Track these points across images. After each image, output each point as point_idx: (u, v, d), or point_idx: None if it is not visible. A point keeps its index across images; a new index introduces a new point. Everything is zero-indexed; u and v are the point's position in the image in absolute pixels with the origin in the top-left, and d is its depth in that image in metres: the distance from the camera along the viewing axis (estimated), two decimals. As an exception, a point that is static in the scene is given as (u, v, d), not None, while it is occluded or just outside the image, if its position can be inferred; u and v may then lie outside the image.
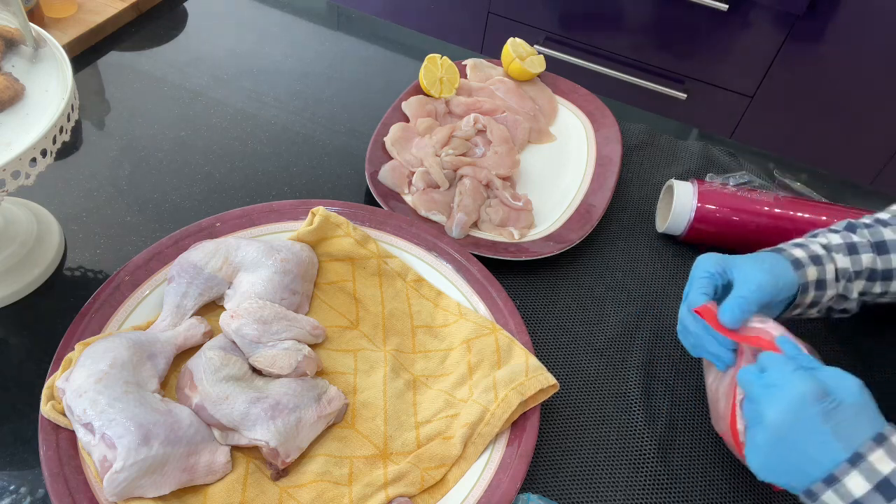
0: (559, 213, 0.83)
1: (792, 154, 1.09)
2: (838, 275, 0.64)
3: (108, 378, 0.54)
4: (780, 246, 0.66)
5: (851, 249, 0.65)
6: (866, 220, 0.68)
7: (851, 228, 0.67)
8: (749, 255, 0.64)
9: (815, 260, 0.64)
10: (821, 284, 0.64)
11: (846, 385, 0.51)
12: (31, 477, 0.57)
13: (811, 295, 0.64)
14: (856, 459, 0.48)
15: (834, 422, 0.49)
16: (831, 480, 0.49)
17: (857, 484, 0.48)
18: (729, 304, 0.59)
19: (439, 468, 0.59)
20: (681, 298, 0.78)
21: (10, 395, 0.62)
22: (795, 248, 0.65)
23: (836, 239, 0.66)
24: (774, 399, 0.52)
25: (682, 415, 0.68)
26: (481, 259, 0.73)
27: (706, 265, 0.63)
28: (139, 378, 0.56)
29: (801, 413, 0.50)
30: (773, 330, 0.58)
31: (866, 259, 0.64)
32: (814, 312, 0.67)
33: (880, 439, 0.49)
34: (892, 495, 0.47)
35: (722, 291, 0.63)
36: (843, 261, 0.64)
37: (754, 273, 0.61)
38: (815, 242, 0.66)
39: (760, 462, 0.53)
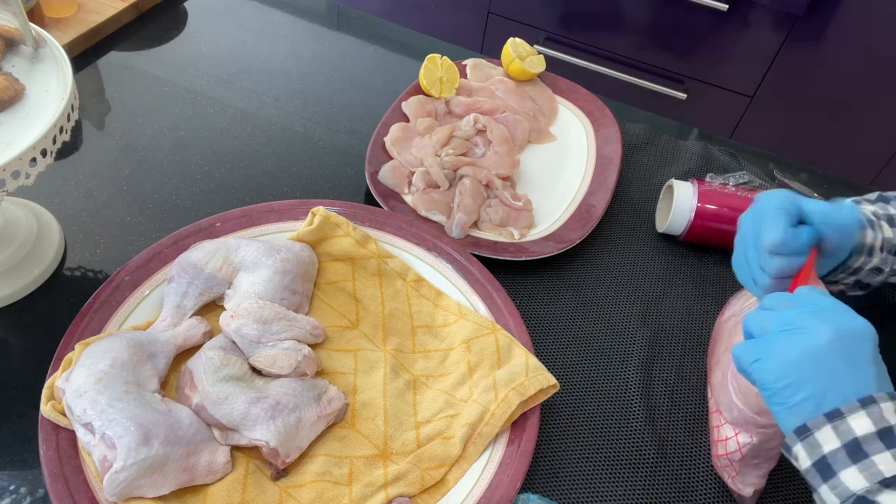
0: (559, 213, 0.83)
1: (792, 154, 1.09)
2: (884, 245, 0.61)
3: (108, 378, 0.54)
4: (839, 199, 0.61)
5: (891, 222, 0.62)
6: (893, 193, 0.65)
7: (885, 200, 0.64)
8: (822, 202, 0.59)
9: (872, 224, 0.60)
10: (871, 250, 0.61)
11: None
12: (31, 477, 0.57)
13: (860, 259, 0.61)
14: (867, 402, 0.46)
15: (878, 366, 0.47)
16: (834, 415, 0.46)
17: (860, 424, 0.45)
18: (806, 230, 0.55)
19: (439, 468, 0.59)
20: (680, 299, 0.78)
21: (10, 395, 0.62)
22: (864, 203, 0.61)
23: (873, 208, 0.63)
24: (842, 318, 0.49)
25: (682, 415, 0.68)
26: (481, 259, 0.73)
27: (776, 198, 0.57)
28: (139, 378, 0.56)
29: (860, 343, 0.48)
30: None
31: None
32: (849, 280, 0.64)
33: (893, 396, 0.47)
34: (892, 443, 0.45)
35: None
36: (889, 231, 0.61)
37: (836, 213, 0.56)
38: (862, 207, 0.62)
39: (777, 369, 0.49)
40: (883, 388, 0.47)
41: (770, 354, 0.49)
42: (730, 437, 0.59)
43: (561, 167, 0.89)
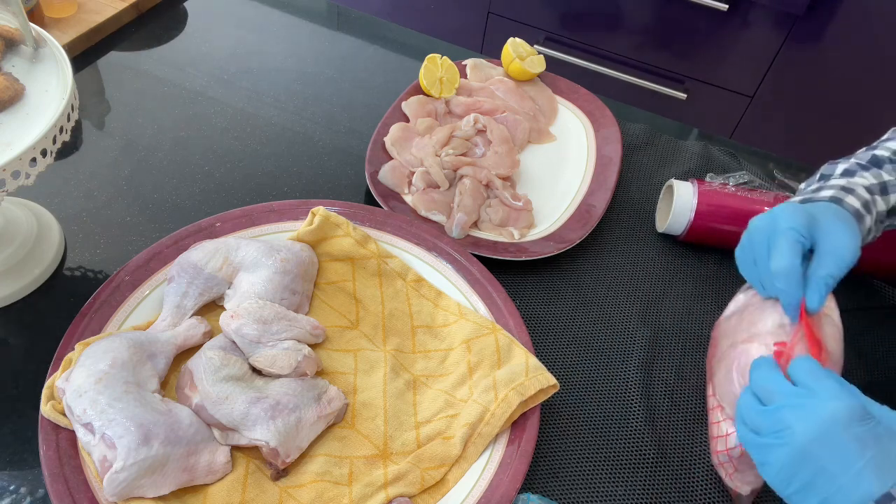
0: (559, 213, 0.83)
1: (792, 154, 1.09)
2: (877, 218, 0.61)
3: (108, 378, 0.54)
4: (831, 196, 0.60)
5: (884, 190, 0.62)
6: (885, 150, 0.65)
7: (877, 164, 0.64)
8: (828, 212, 0.57)
9: (867, 207, 0.60)
10: (870, 231, 0.60)
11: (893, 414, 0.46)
12: (31, 477, 0.57)
13: (867, 239, 0.60)
14: (886, 500, 0.43)
15: (873, 451, 0.44)
16: None
17: None
18: (817, 287, 0.53)
19: (439, 468, 0.59)
20: (680, 299, 0.78)
21: (10, 395, 0.62)
22: (848, 196, 0.60)
23: (869, 178, 0.62)
24: (807, 412, 0.46)
25: (682, 415, 0.69)
26: (481, 259, 0.73)
27: (793, 220, 0.55)
28: (139, 378, 0.56)
29: (835, 434, 0.45)
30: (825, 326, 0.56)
31: (894, 198, 0.62)
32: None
33: None
34: None
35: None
36: (881, 203, 0.61)
37: (845, 244, 0.54)
38: (857, 185, 0.62)
39: (777, 475, 0.48)
40: (888, 473, 0.44)
41: (769, 460, 0.48)
42: (730, 433, 0.59)
43: (561, 167, 0.89)
